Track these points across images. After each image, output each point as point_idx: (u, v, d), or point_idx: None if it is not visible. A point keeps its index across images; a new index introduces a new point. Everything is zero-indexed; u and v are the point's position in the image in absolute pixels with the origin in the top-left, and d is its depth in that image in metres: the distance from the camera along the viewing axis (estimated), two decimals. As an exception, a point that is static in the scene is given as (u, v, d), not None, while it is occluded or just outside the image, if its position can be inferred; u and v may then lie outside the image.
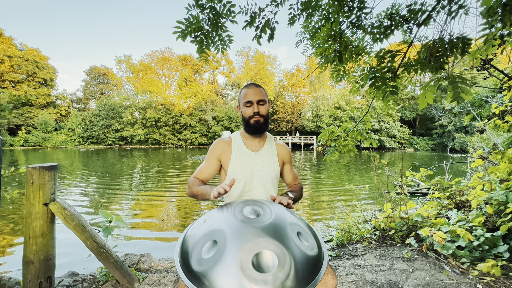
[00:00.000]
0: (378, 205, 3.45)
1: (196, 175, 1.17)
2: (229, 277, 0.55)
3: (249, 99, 1.11)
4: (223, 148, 1.19)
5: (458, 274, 1.81)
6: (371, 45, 2.08)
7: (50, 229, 1.48)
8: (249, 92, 1.12)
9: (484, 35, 1.27)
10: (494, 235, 1.89)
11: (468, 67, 2.63)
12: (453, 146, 24.86)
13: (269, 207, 0.76)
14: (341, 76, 2.22)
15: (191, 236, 0.70)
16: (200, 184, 1.09)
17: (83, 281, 1.83)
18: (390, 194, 3.71)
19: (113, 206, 5.16)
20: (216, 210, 0.78)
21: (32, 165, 1.42)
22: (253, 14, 1.84)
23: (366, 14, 1.93)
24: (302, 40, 2.21)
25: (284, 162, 1.27)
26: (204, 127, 40.78)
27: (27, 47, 37.31)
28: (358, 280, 1.82)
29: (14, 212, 4.53)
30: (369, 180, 8.15)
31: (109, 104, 40.02)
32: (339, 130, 2.60)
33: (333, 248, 2.45)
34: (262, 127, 1.14)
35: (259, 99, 1.12)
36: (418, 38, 1.83)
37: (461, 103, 1.14)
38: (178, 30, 1.73)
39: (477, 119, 3.85)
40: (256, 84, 1.16)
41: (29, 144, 33.64)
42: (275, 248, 0.60)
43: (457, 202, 2.70)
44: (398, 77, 1.87)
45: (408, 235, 2.45)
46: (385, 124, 29.84)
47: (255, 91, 1.12)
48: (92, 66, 46.21)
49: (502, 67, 2.91)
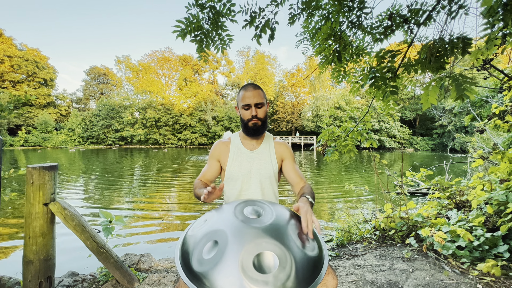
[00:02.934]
0: (378, 205, 3.45)
1: (200, 177, 1.22)
2: (230, 278, 0.55)
3: (247, 102, 1.12)
4: (221, 149, 1.23)
5: (458, 274, 1.80)
6: (371, 45, 2.08)
7: (50, 229, 1.48)
8: (247, 95, 1.12)
9: (486, 35, 1.27)
10: (494, 235, 1.89)
11: (468, 67, 2.63)
12: (453, 146, 24.87)
13: (270, 207, 0.76)
14: (342, 77, 2.22)
15: (191, 236, 0.70)
16: (202, 186, 1.10)
17: (83, 281, 1.83)
18: (390, 194, 3.71)
19: (113, 206, 5.16)
20: (217, 210, 0.78)
21: (32, 165, 1.42)
22: (253, 14, 1.84)
23: (366, 14, 1.93)
24: (302, 41, 2.21)
25: (284, 159, 1.24)
26: (204, 127, 40.79)
27: (27, 47, 37.32)
28: (358, 280, 1.82)
29: (14, 212, 4.52)
30: (369, 180, 8.15)
31: (109, 104, 40.02)
32: (339, 130, 2.60)
33: (333, 248, 2.45)
34: (260, 129, 1.16)
35: (257, 102, 1.12)
36: (418, 38, 1.83)
37: (466, 101, 1.14)
38: (178, 29, 1.73)
39: (477, 119, 3.85)
40: (254, 85, 1.15)
41: (29, 144, 33.64)
42: (276, 248, 0.59)
43: (457, 202, 2.70)
44: (398, 77, 1.86)
45: (408, 235, 2.45)
46: (385, 124, 29.84)
47: (253, 94, 1.12)
48: (92, 66, 46.24)
49: (502, 67, 2.91)
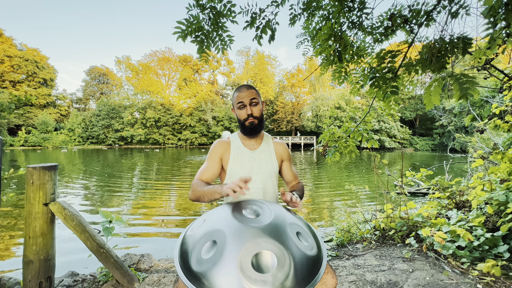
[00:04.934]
0: (378, 205, 3.45)
1: (199, 177, 1.14)
2: (229, 278, 0.55)
3: (242, 102, 1.13)
4: (223, 148, 1.20)
5: (458, 274, 1.80)
6: (372, 46, 2.08)
7: (50, 229, 1.48)
8: (241, 95, 1.13)
9: (488, 35, 1.27)
10: (494, 235, 1.89)
11: (469, 67, 2.62)
12: (453, 146, 24.87)
13: (268, 207, 0.76)
14: (343, 78, 2.22)
15: (190, 236, 0.70)
16: (205, 185, 1.05)
17: (83, 281, 1.83)
18: (390, 194, 3.71)
19: (113, 206, 5.16)
20: (216, 210, 0.78)
21: (32, 165, 1.42)
22: (254, 15, 1.84)
23: (367, 14, 1.93)
24: (303, 42, 2.21)
25: (283, 160, 1.27)
26: (204, 127, 40.80)
27: (27, 47, 37.36)
28: (358, 280, 1.82)
29: (14, 212, 4.53)
30: (369, 180, 8.15)
31: (109, 104, 40.07)
32: (340, 131, 2.59)
33: (333, 248, 2.45)
34: (257, 128, 1.16)
35: (251, 100, 1.13)
36: (418, 38, 1.83)
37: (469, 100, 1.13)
38: (179, 30, 1.73)
39: (478, 119, 3.85)
40: (247, 85, 1.16)
41: (29, 144, 33.67)
42: (274, 248, 0.60)
43: (457, 202, 2.70)
44: (398, 77, 1.86)
45: (408, 235, 2.44)
46: (385, 124, 29.83)
47: (246, 93, 1.13)
48: (92, 66, 46.30)
49: (502, 67, 2.90)
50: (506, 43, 1.38)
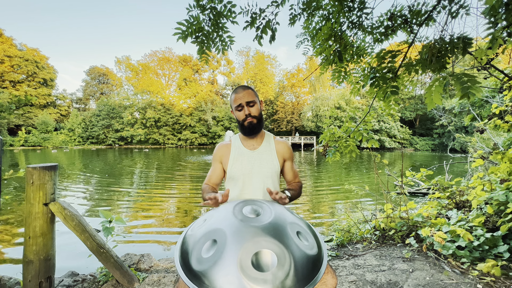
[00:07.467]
0: (378, 205, 3.45)
1: (206, 181, 1.23)
2: (229, 276, 0.55)
3: (239, 103, 1.14)
4: (222, 151, 1.24)
5: (458, 274, 1.80)
6: (372, 46, 2.08)
7: (50, 229, 1.48)
8: (238, 96, 1.15)
9: (490, 34, 1.27)
10: (494, 235, 1.89)
11: (469, 67, 2.63)
12: (453, 146, 24.86)
13: (269, 206, 0.76)
14: (343, 78, 2.22)
15: (191, 235, 0.70)
16: (209, 190, 1.13)
17: (83, 281, 1.83)
18: (390, 194, 3.71)
19: (113, 206, 5.16)
20: (216, 210, 0.78)
21: (32, 165, 1.42)
22: (254, 15, 1.84)
23: (367, 14, 1.93)
24: (303, 42, 2.21)
25: (285, 159, 1.26)
26: (204, 127, 40.79)
27: (27, 47, 37.35)
28: (358, 280, 1.82)
29: (14, 212, 4.53)
30: (369, 180, 8.15)
31: (109, 104, 40.05)
32: (341, 131, 2.59)
33: (333, 248, 2.45)
34: (256, 127, 1.17)
35: (248, 100, 1.14)
36: (418, 38, 1.83)
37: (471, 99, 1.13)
38: (179, 31, 1.73)
39: (477, 119, 3.85)
40: (243, 86, 1.18)
41: (29, 144, 33.65)
42: (274, 247, 0.60)
43: (457, 202, 2.70)
44: (398, 77, 1.86)
45: (408, 235, 2.44)
46: (385, 124, 29.83)
47: (243, 94, 1.14)
48: (92, 66, 46.27)
49: (502, 67, 2.90)
50: (506, 43, 1.38)
